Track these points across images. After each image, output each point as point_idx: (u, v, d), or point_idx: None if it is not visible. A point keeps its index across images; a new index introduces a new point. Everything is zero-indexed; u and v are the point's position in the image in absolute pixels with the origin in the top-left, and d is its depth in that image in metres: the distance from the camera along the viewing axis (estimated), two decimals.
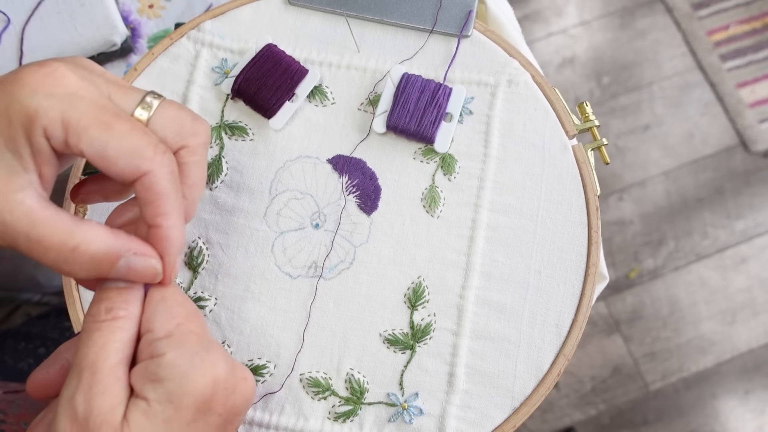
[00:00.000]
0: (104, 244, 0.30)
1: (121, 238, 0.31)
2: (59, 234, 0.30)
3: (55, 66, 0.30)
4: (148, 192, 0.31)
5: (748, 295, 1.28)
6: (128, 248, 0.31)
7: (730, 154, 1.35)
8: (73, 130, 0.29)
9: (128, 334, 0.31)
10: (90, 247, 0.30)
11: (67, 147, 0.30)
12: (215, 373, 0.31)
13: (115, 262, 0.31)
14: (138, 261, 0.31)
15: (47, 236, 0.29)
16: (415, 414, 0.40)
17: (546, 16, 1.43)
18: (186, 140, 0.33)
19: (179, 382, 0.30)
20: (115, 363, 0.30)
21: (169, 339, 0.30)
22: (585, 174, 0.44)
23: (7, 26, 0.55)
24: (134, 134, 0.30)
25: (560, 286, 0.42)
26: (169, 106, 0.33)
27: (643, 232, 1.31)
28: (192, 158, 0.34)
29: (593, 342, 1.26)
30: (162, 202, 0.31)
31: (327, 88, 0.46)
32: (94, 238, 0.30)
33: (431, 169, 0.44)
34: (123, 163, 0.30)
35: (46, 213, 0.30)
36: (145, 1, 0.59)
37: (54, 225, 0.30)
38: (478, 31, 0.46)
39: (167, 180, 0.31)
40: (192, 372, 0.30)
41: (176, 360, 0.30)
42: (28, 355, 0.65)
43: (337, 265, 0.43)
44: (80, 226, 0.30)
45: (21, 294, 0.84)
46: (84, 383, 0.29)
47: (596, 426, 1.22)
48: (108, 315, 0.31)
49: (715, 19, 1.41)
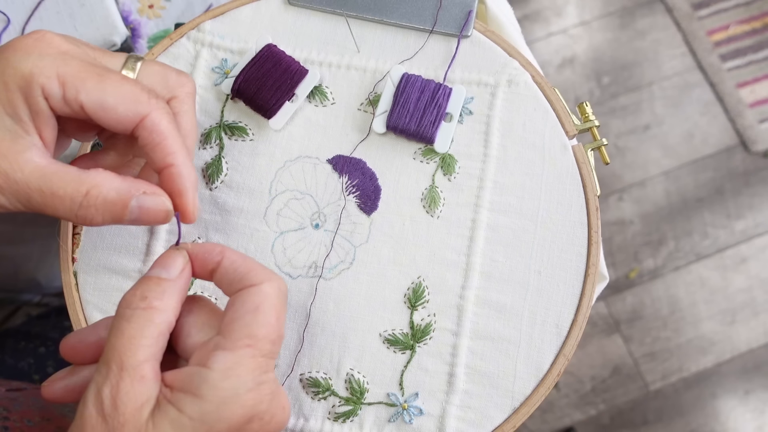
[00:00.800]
0: (114, 186, 0.32)
1: (129, 180, 0.32)
2: (71, 183, 0.31)
3: (42, 32, 0.32)
4: (153, 134, 0.32)
5: (748, 295, 1.28)
6: (138, 188, 0.32)
7: (730, 154, 1.35)
8: (70, 83, 0.30)
9: (160, 328, 0.30)
10: (102, 190, 0.31)
11: (65, 103, 0.31)
12: (257, 408, 0.30)
13: (128, 202, 0.32)
14: (149, 200, 0.32)
15: (60, 187, 0.31)
16: (415, 414, 0.40)
17: (546, 16, 1.43)
18: (174, 91, 0.35)
19: (218, 406, 0.29)
20: (143, 360, 0.29)
21: (230, 354, 0.29)
22: (585, 174, 0.44)
23: (7, 26, 0.55)
24: (128, 82, 0.32)
25: (560, 286, 0.42)
26: (151, 63, 0.35)
27: (643, 232, 1.31)
28: (183, 107, 0.35)
29: (593, 342, 1.26)
30: (168, 141, 0.32)
31: (327, 88, 0.46)
32: (104, 182, 0.31)
33: (431, 169, 0.44)
34: (123, 108, 0.31)
35: (55, 167, 0.31)
36: (145, 1, 0.59)
37: (64, 175, 0.31)
38: (478, 31, 0.46)
39: (168, 120, 0.32)
40: (234, 401, 0.29)
41: (222, 383, 0.29)
42: (28, 355, 0.65)
43: (337, 265, 0.43)
44: (89, 174, 0.31)
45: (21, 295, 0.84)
46: (112, 377, 0.28)
47: (596, 426, 1.22)
48: (142, 303, 0.30)
49: (715, 19, 1.41)
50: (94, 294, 0.42)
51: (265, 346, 0.30)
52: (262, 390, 0.30)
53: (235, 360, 0.29)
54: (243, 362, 0.29)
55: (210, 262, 0.32)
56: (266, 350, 0.30)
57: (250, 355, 0.30)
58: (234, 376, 0.29)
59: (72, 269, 0.43)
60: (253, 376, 0.30)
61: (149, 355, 0.29)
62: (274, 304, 0.31)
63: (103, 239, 0.43)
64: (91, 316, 0.42)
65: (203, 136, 0.45)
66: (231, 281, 0.32)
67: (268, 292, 0.31)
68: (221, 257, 0.32)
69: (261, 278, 0.31)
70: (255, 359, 0.30)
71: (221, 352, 0.29)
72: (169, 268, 0.31)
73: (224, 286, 0.32)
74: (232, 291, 0.32)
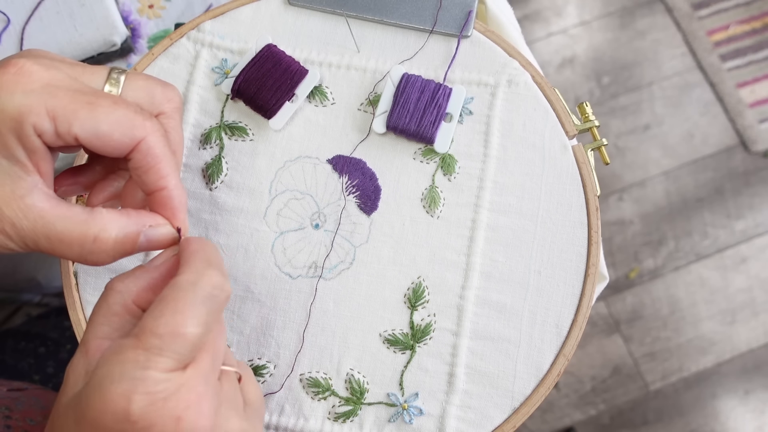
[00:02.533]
0: (122, 228, 0.31)
1: (133, 216, 0.32)
2: (77, 228, 0.30)
3: (20, 63, 0.30)
4: (148, 157, 0.31)
5: (748, 295, 1.28)
6: (143, 223, 0.32)
7: (730, 154, 1.35)
8: (61, 117, 0.29)
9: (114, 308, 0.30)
10: (111, 234, 0.31)
11: (59, 137, 0.30)
12: (121, 407, 0.26)
13: (136, 240, 0.32)
14: (155, 232, 0.32)
15: (66, 233, 0.30)
16: (415, 414, 0.40)
17: (546, 16, 1.43)
18: (160, 106, 0.34)
19: (86, 394, 0.27)
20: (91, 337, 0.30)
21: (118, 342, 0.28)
22: (585, 174, 0.44)
23: (7, 26, 0.55)
24: (119, 106, 0.31)
25: (560, 286, 0.42)
26: (135, 77, 0.33)
27: (643, 232, 1.31)
28: (170, 123, 0.34)
29: (593, 342, 1.26)
30: (162, 164, 0.32)
31: (327, 89, 0.46)
32: (110, 225, 0.31)
33: (431, 170, 0.44)
34: (118, 135, 0.30)
35: (58, 211, 0.30)
36: (145, 1, 0.59)
37: (69, 221, 0.30)
38: (478, 32, 0.46)
39: (163, 143, 0.32)
40: (95, 392, 0.27)
41: (98, 369, 0.27)
42: (28, 355, 0.65)
43: (337, 266, 0.43)
44: (94, 217, 0.31)
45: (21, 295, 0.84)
46: None
47: (596, 426, 1.22)
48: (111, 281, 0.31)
49: (715, 19, 1.41)
50: (94, 294, 0.42)
51: (149, 339, 0.27)
52: (134, 387, 0.26)
53: (114, 348, 0.28)
54: (119, 351, 0.27)
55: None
56: (149, 344, 0.27)
57: (130, 345, 0.27)
58: (104, 364, 0.27)
59: (72, 269, 0.43)
60: (124, 369, 0.27)
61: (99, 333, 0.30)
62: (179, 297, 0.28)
63: None
64: None
65: (203, 136, 0.45)
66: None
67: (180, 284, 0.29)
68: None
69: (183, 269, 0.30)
70: (134, 351, 0.27)
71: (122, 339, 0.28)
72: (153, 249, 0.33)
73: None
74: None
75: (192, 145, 0.45)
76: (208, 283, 0.29)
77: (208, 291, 0.29)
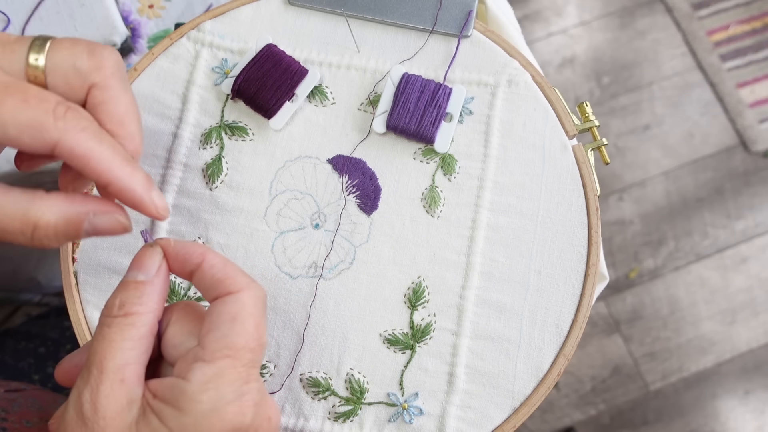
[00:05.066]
0: (62, 213, 0.29)
1: (77, 202, 0.30)
2: (15, 216, 0.29)
3: None
4: (72, 160, 0.29)
5: (748, 295, 1.28)
6: (86, 210, 0.30)
7: (730, 154, 1.35)
8: None
9: (141, 330, 0.29)
10: (50, 219, 0.29)
11: None
12: (239, 421, 0.29)
13: (80, 226, 0.30)
14: (100, 220, 0.30)
15: (7, 222, 0.29)
16: (415, 414, 0.40)
17: (546, 16, 1.43)
18: (90, 77, 0.30)
19: (197, 420, 0.28)
20: (123, 363, 0.29)
21: (208, 366, 0.29)
22: (585, 174, 0.44)
23: (6, 26, 0.55)
24: (28, 105, 0.28)
25: (560, 286, 0.42)
26: (60, 47, 0.30)
27: (643, 232, 1.31)
28: (106, 95, 0.31)
29: (593, 342, 1.26)
30: (92, 163, 0.29)
31: (327, 88, 0.46)
32: (49, 211, 0.29)
33: (431, 169, 0.44)
34: (27, 139, 0.28)
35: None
36: (145, 1, 0.59)
37: (7, 208, 0.29)
38: (478, 31, 0.46)
39: (83, 139, 0.29)
40: (214, 415, 0.28)
41: (201, 396, 0.28)
42: (28, 355, 0.65)
43: (337, 265, 0.43)
44: (33, 203, 0.29)
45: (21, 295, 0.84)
46: (92, 381, 0.28)
47: (596, 426, 1.22)
48: (120, 311, 0.29)
49: (715, 19, 1.41)
50: (94, 294, 0.42)
51: (245, 355, 0.29)
52: (245, 402, 0.29)
53: (214, 372, 0.29)
54: (222, 374, 0.29)
55: (189, 263, 0.31)
56: (246, 360, 0.29)
57: (229, 366, 0.29)
58: (213, 389, 0.28)
59: (72, 269, 0.43)
60: (234, 388, 0.29)
61: (130, 359, 0.29)
62: (252, 312, 0.30)
63: (103, 239, 0.43)
64: (91, 316, 0.42)
65: (203, 136, 0.45)
66: (208, 286, 0.31)
67: (246, 300, 0.30)
68: (201, 259, 0.31)
69: (239, 286, 0.30)
70: (235, 370, 0.29)
71: (200, 363, 0.29)
72: (146, 269, 0.30)
73: (203, 290, 0.31)
74: (210, 297, 0.31)
75: (192, 145, 0.45)
76: (262, 294, 0.31)
77: (264, 300, 0.31)
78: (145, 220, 0.43)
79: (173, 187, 0.44)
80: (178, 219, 0.44)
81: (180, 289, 0.42)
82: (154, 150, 0.45)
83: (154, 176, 0.44)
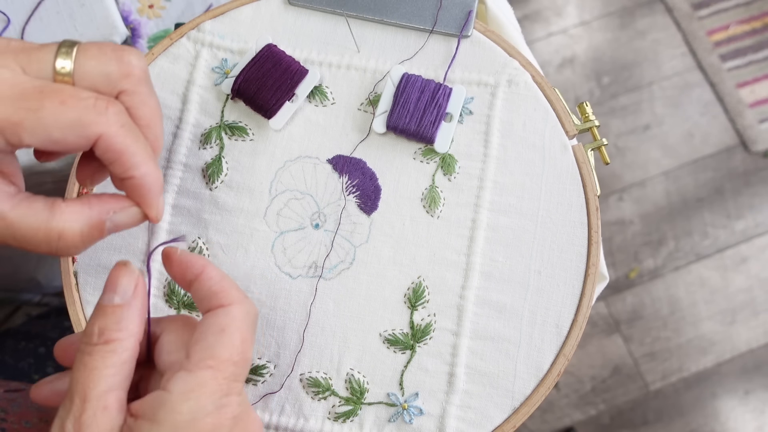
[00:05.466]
0: (84, 220, 0.30)
1: (96, 205, 0.31)
2: (40, 228, 0.29)
3: None
4: (108, 153, 0.30)
5: (748, 295, 1.28)
6: (106, 210, 0.31)
7: (730, 154, 1.35)
8: (9, 130, 0.28)
9: (123, 356, 0.29)
10: (74, 228, 0.30)
11: (13, 147, 0.29)
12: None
13: (102, 227, 0.31)
14: (120, 217, 0.32)
15: (31, 234, 0.30)
16: (415, 414, 0.40)
17: (546, 16, 1.43)
18: (119, 84, 0.31)
19: (174, 431, 0.28)
20: (105, 390, 0.28)
21: (190, 376, 0.29)
22: (585, 174, 0.44)
23: (7, 26, 0.55)
24: (69, 105, 0.29)
25: (560, 286, 0.42)
26: (87, 52, 0.31)
27: (643, 232, 1.31)
28: (135, 99, 0.32)
29: (593, 342, 1.26)
30: (125, 157, 0.30)
31: (327, 88, 0.46)
32: (72, 219, 0.30)
33: (431, 169, 0.44)
34: (72, 137, 0.29)
35: (19, 211, 0.30)
36: (145, 1, 0.59)
37: (31, 221, 0.30)
38: (478, 31, 0.46)
39: (122, 135, 0.30)
40: (191, 426, 0.28)
41: (180, 406, 0.28)
42: (28, 355, 0.65)
43: (337, 265, 0.43)
44: (55, 214, 0.30)
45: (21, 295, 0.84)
46: (74, 410, 0.28)
47: (596, 426, 1.22)
48: (100, 338, 0.29)
49: (715, 19, 1.41)
50: (94, 294, 0.42)
51: (228, 368, 0.29)
52: (223, 414, 0.29)
53: (195, 382, 0.29)
54: (203, 384, 0.29)
55: (190, 273, 0.32)
56: (228, 372, 0.29)
57: (211, 377, 0.29)
58: (193, 399, 0.28)
59: (72, 269, 0.43)
60: (213, 399, 0.29)
61: (112, 385, 0.29)
62: (240, 326, 0.30)
63: (103, 239, 0.43)
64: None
65: (203, 136, 0.45)
66: (203, 298, 0.31)
67: (235, 314, 0.31)
68: (201, 271, 0.32)
69: (231, 299, 0.31)
70: (216, 381, 0.29)
71: (182, 373, 0.29)
72: (122, 291, 0.30)
73: (198, 301, 0.32)
74: (204, 308, 0.31)
75: (192, 145, 0.45)
76: (254, 311, 0.32)
77: (254, 317, 0.32)
78: None
79: (173, 187, 0.44)
80: (178, 219, 0.44)
81: (180, 289, 0.42)
82: None
83: None
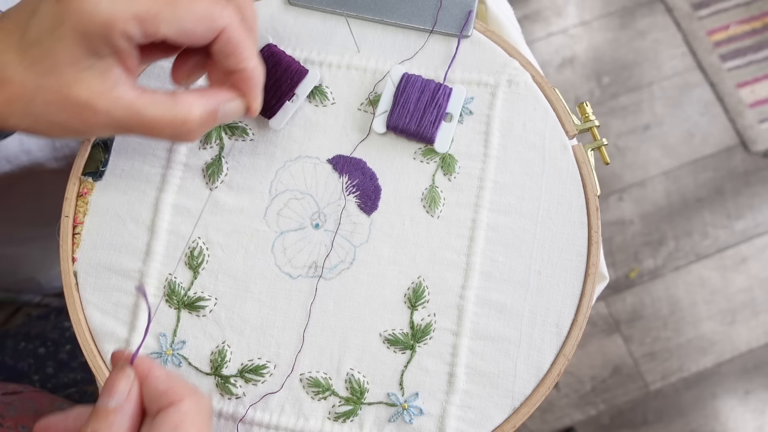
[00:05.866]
0: (204, 108, 0.35)
1: (211, 96, 0.35)
2: (165, 114, 0.34)
3: None
4: (228, 44, 0.34)
5: (748, 295, 1.28)
6: (219, 100, 0.36)
7: (730, 154, 1.35)
8: (149, 22, 0.32)
9: None
10: (195, 114, 0.34)
11: (147, 38, 0.32)
12: None
13: (215, 115, 0.35)
14: (230, 106, 0.36)
15: (157, 119, 0.33)
16: (415, 414, 0.40)
17: (546, 16, 1.43)
18: None
19: None
20: None
21: None
22: (585, 174, 0.44)
23: None
24: (197, 1, 0.33)
25: (560, 286, 0.42)
26: None
27: (643, 232, 1.31)
28: (242, 2, 0.36)
29: (593, 342, 1.26)
30: (242, 49, 0.35)
31: (327, 88, 0.46)
32: (195, 107, 0.34)
33: (431, 169, 0.44)
34: (201, 29, 0.33)
35: (146, 99, 0.33)
36: None
37: (158, 107, 0.34)
38: (478, 31, 0.46)
39: (240, 30, 0.34)
40: None
41: None
42: (27, 355, 0.65)
43: (337, 265, 0.43)
44: (178, 101, 0.34)
45: (21, 295, 0.84)
46: None
47: (596, 426, 1.22)
48: None
49: (715, 19, 1.41)
50: (94, 294, 0.42)
51: None
52: None
53: None
54: None
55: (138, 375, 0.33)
56: None
57: None
58: None
59: (72, 269, 0.43)
60: None
61: None
62: (194, 420, 0.31)
63: (103, 239, 0.43)
64: (91, 316, 0.42)
65: (203, 136, 0.45)
66: (152, 399, 0.32)
67: (186, 409, 0.31)
68: (147, 373, 0.32)
69: (180, 395, 0.31)
70: None
71: None
72: (117, 395, 0.32)
73: (148, 404, 0.32)
74: (154, 410, 0.32)
75: (192, 145, 0.45)
76: (206, 401, 0.33)
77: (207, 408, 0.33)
78: None
79: (173, 187, 0.44)
80: (178, 219, 0.44)
81: (180, 289, 0.42)
82: (154, 150, 0.45)
83: (154, 176, 0.44)
